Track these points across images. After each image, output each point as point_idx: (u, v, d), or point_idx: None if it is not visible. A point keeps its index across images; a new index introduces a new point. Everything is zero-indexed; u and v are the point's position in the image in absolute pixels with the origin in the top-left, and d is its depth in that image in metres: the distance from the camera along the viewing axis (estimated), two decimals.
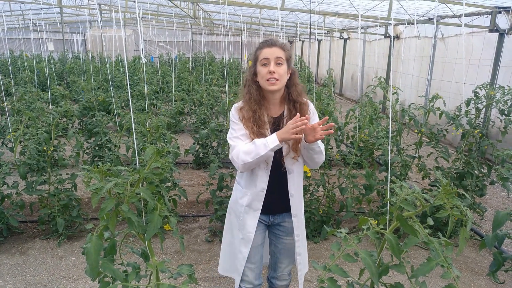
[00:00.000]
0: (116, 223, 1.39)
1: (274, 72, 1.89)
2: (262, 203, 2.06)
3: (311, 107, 2.10)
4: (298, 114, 1.81)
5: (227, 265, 2.25)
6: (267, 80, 1.91)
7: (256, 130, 1.93)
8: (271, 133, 1.96)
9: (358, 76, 11.25)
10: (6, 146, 4.88)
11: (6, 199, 3.62)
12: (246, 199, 2.09)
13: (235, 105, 2.06)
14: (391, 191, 1.23)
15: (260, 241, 2.15)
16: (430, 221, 1.20)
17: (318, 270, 1.30)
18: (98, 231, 1.35)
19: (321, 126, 1.82)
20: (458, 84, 7.08)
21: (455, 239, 3.72)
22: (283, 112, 2.04)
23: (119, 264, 1.49)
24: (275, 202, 2.09)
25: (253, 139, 1.91)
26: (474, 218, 4.20)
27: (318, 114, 3.85)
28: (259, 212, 2.08)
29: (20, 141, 3.92)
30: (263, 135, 1.93)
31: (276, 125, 2.01)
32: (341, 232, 1.24)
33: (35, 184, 3.55)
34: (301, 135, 1.81)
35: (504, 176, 1.96)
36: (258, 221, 2.11)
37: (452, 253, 1.20)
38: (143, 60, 2.28)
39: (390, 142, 2.10)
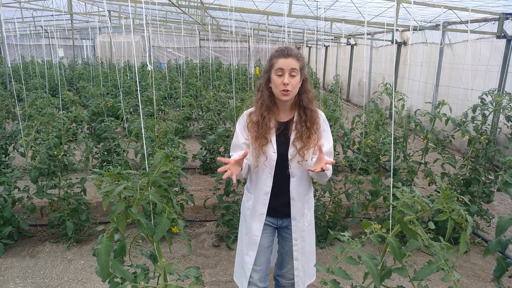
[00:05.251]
0: (125, 225, 1.44)
1: (288, 84, 1.94)
2: (266, 207, 2.12)
3: (323, 116, 2.13)
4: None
5: (238, 272, 2.29)
6: (281, 91, 1.97)
7: (259, 134, 2.00)
8: (276, 138, 2.04)
9: (365, 82, 11.25)
10: (18, 151, 4.98)
11: (17, 203, 3.70)
12: (251, 203, 2.17)
13: (247, 111, 2.15)
14: (393, 196, 1.25)
15: (267, 244, 2.19)
16: (431, 225, 1.22)
17: (323, 273, 1.33)
18: (108, 233, 1.39)
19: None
20: (466, 90, 7.06)
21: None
22: (293, 117, 2.09)
23: (128, 266, 1.53)
24: (280, 206, 2.13)
25: (253, 143, 2.02)
26: (482, 224, 4.18)
27: None
28: (264, 216, 2.13)
29: (32, 146, 4.00)
30: (266, 140, 2.01)
31: (283, 130, 2.07)
32: (344, 235, 1.27)
33: (45, 188, 3.61)
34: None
35: (506, 181, 1.97)
36: (266, 224, 2.15)
37: (453, 257, 1.22)
38: (150, 67, 2.34)
39: (393, 148, 2.13)
